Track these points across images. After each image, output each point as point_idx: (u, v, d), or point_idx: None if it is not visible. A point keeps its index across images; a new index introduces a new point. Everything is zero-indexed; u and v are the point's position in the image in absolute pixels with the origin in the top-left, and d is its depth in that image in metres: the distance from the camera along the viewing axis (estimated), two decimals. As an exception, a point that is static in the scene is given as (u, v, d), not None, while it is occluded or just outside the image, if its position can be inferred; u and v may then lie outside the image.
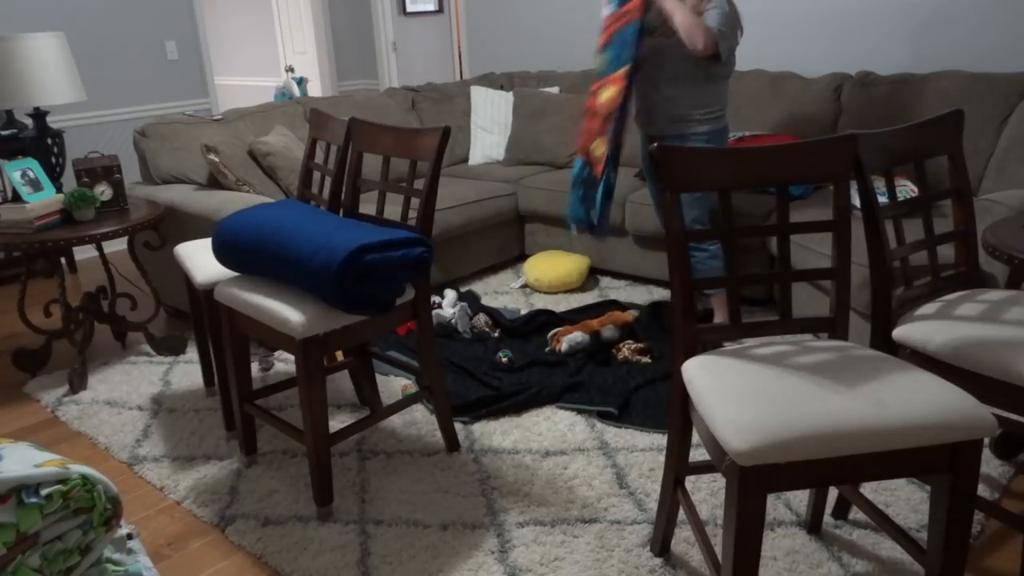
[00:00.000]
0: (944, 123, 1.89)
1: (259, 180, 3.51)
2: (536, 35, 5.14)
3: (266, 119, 3.91)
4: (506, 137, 4.54)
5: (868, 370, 1.50)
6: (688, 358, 1.67)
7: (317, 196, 2.62)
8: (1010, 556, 1.89)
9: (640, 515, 2.10)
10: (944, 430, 1.36)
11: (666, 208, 1.65)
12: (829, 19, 3.88)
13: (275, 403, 2.82)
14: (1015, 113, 3.13)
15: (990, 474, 2.20)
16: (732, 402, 1.43)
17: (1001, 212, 2.63)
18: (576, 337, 3.02)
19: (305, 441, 2.13)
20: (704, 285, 1.71)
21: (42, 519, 1.19)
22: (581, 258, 3.83)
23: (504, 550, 1.99)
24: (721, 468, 1.45)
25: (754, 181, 1.69)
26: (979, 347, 1.62)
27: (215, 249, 2.23)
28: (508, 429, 2.56)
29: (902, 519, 2.03)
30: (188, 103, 5.10)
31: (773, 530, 2.01)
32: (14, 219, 2.83)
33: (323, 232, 2.03)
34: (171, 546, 2.10)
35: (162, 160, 3.54)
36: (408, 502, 2.21)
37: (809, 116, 3.68)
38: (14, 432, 2.73)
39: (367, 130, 2.41)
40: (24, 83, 3.50)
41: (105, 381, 3.06)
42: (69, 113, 4.53)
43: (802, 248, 2.94)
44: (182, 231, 3.30)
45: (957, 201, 1.93)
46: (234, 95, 7.59)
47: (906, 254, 1.86)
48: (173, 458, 2.50)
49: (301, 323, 1.97)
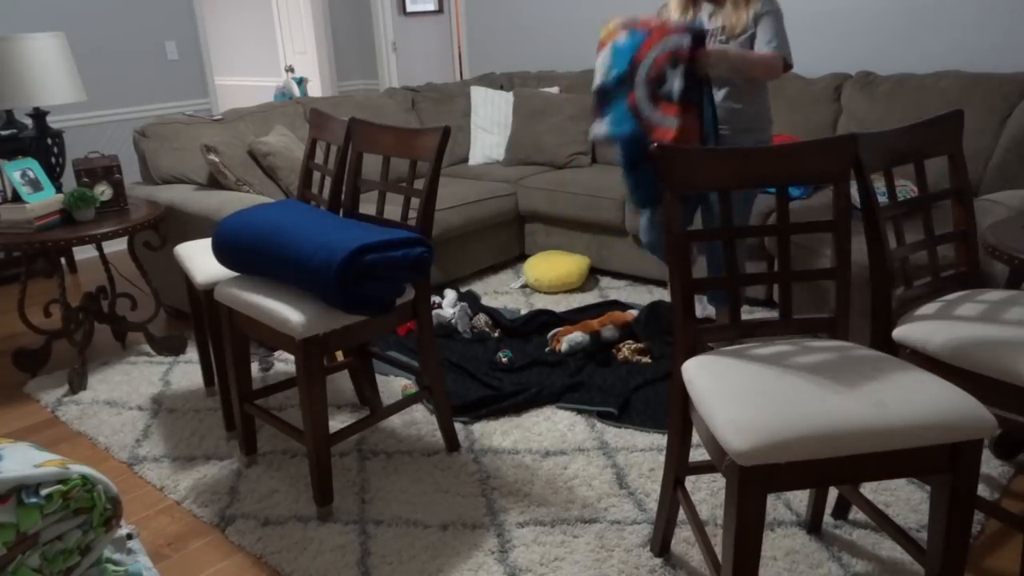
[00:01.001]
0: (944, 123, 1.89)
1: (259, 180, 3.51)
2: (536, 35, 5.14)
3: (266, 119, 3.91)
4: (506, 137, 4.54)
5: (868, 370, 1.50)
6: (688, 358, 1.67)
7: (317, 196, 2.62)
8: (1010, 556, 1.89)
9: (640, 515, 2.10)
10: (944, 430, 1.36)
11: (667, 208, 1.65)
12: (829, 19, 3.88)
13: (275, 403, 2.82)
14: (1015, 113, 3.13)
15: (990, 474, 2.20)
16: (732, 402, 1.43)
17: (1001, 212, 2.63)
18: (576, 337, 3.02)
19: (305, 441, 2.13)
20: (705, 285, 1.71)
21: (42, 519, 1.19)
22: (581, 258, 3.83)
23: (504, 550, 1.99)
24: (721, 468, 1.45)
25: (754, 181, 1.70)
26: (979, 347, 1.62)
27: (215, 249, 2.23)
28: (508, 429, 2.56)
29: (902, 519, 2.03)
30: (188, 103, 5.10)
31: (773, 530, 2.01)
32: (14, 219, 2.83)
33: (323, 232, 2.03)
34: (171, 546, 2.10)
35: (162, 160, 3.54)
36: (408, 502, 2.21)
37: (809, 116, 3.68)
38: (14, 432, 2.73)
39: (367, 130, 2.41)
40: (24, 83, 3.50)
41: (105, 381, 3.06)
42: (69, 113, 4.53)
43: (802, 248, 2.94)
44: (182, 231, 3.30)
45: (957, 201, 1.93)
46: (234, 95, 7.59)
47: (906, 254, 1.86)
48: (173, 458, 2.50)
49: (301, 323, 1.97)
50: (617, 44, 2.47)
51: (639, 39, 2.43)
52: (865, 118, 3.48)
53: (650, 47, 2.41)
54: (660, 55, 2.39)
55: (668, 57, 2.38)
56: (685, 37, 2.37)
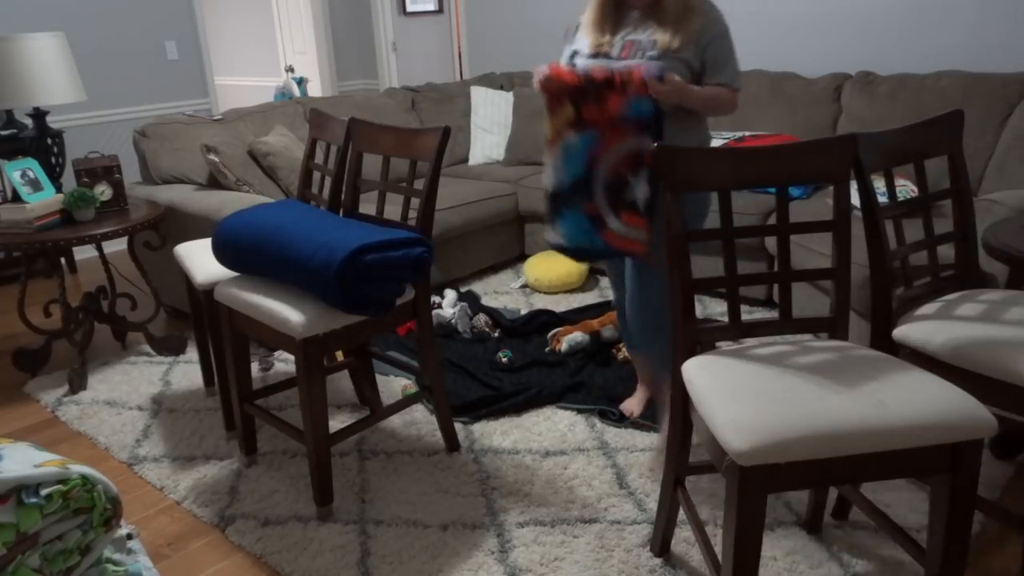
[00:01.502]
0: (944, 123, 1.89)
1: (259, 180, 3.51)
2: (536, 35, 5.14)
3: (266, 119, 3.91)
4: (506, 137, 4.54)
5: (868, 370, 1.50)
6: (688, 358, 1.67)
7: (317, 196, 2.62)
8: (1010, 556, 1.89)
9: (640, 515, 2.10)
10: (944, 430, 1.36)
11: (667, 208, 1.65)
12: (829, 19, 3.88)
13: (275, 403, 2.82)
14: (1015, 113, 3.13)
15: (990, 474, 2.20)
16: (732, 402, 1.43)
17: (1001, 212, 2.63)
18: (576, 337, 3.02)
19: (305, 441, 2.13)
20: (705, 284, 1.70)
21: (42, 519, 1.19)
22: (581, 258, 3.83)
23: (504, 550, 1.99)
24: (721, 468, 1.45)
25: (754, 181, 1.70)
26: (979, 347, 1.62)
27: (215, 249, 2.23)
28: (508, 429, 2.56)
29: (902, 519, 2.03)
30: (188, 103, 5.10)
31: (773, 530, 2.01)
32: (14, 219, 2.83)
33: (323, 232, 2.03)
34: (171, 546, 2.10)
35: (162, 160, 3.54)
36: (408, 502, 2.21)
37: (809, 116, 3.68)
38: (14, 432, 2.73)
39: (367, 130, 2.41)
40: (24, 83, 3.50)
41: (105, 381, 3.06)
42: (69, 113, 4.53)
43: (802, 248, 2.94)
44: (182, 231, 3.30)
45: (957, 201, 1.93)
46: (234, 95, 7.59)
47: (906, 254, 1.86)
48: (173, 458, 2.50)
49: (301, 323, 1.97)
50: (569, 144, 2.06)
51: (591, 141, 2.03)
52: (865, 118, 3.48)
53: (607, 149, 2.02)
54: (619, 159, 2.02)
55: (628, 161, 2.01)
56: (644, 139, 1.97)
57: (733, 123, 3.87)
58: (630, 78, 1.94)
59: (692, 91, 2.03)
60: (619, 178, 2.03)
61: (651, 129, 1.97)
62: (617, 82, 1.96)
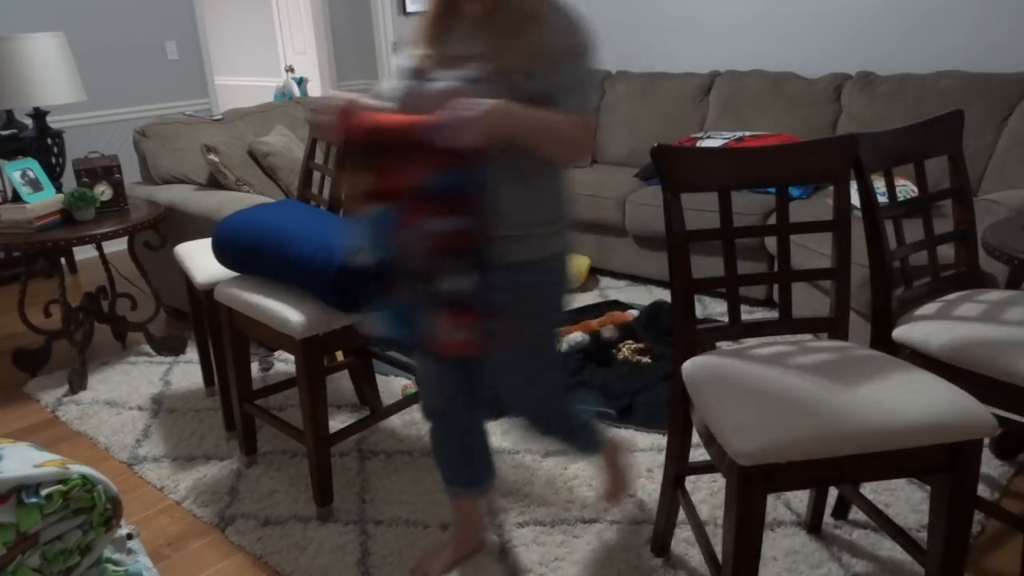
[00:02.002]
0: (944, 123, 1.89)
1: (259, 180, 3.51)
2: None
3: (266, 119, 3.91)
4: (506, 137, 4.53)
5: (868, 370, 1.50)
6: (688, 358, 1.67)
7: (317, 196, 2.62)
8: (1010, 556, 1.89)
9: (640, 515, 2.10)
10: (944, 430, 1.36)
11: (667, 207, 1.65)
12: (829, 19, 3.88)
13: (275, 403, 2.82)
14: (1015, 113, 3.13)
15: (990, 474, 2.20)
16: (732, 402, 1.43)
17: (1001, 212, 2.63)
18: (576, 337, 3.01)
19: (305, 441, 2.13)
20: (705, 284, 1.70)
21: (42, 519, 1.19)
22: (581, 258, 3.83)
23: (504, 550, 1.99)
24: (721, 468, 1.45)
25: (754, 181, 1.70)
26: (979, 347, 1.62)
27: (215, 249, 2.23)
28: (508, 429, 2.55)
29: (902, 519, 2.03)
30: (188, 103, 5.10)
31: (773, 530, 2.01)
32: (14, 219, 2.83)
33: (323, 232, 2.03)
34: (171, 546, 2.10)
35: (162, 160, 3.54)
36: (408, 502, 2.21)
37: (809, 116, 3.68)
38: (14, 432, 2.73)
39: (367, 130, 2.41)
40: (24, 83, 3.50)
41: (105, 381, 3.06)
42: (69, 113, 4.53)
43: (802, 248, 2.94)
44: (182, 231, 3.30)
45: (957, 201, 1.93)
46: (234, 95, 7.58)
47: (906, 254, 1.86)
48: (173, 458, 2.50)
49: (301, 323, 1.97)
50: (374, 216, 1.50)
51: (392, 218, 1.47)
52: (865, 118, 3.48)
53: (408, 227, 1.46)
54: (433, 243, 1.44)
55: (445, 246, 1.44)
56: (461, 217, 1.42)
57: (733, 123, 3.87)
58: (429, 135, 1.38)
59: (521, 117, 1.44)
60: (432, 267, 1.46)
61: (470, 201, 1.42)
62: (416, 140, 1.41)
